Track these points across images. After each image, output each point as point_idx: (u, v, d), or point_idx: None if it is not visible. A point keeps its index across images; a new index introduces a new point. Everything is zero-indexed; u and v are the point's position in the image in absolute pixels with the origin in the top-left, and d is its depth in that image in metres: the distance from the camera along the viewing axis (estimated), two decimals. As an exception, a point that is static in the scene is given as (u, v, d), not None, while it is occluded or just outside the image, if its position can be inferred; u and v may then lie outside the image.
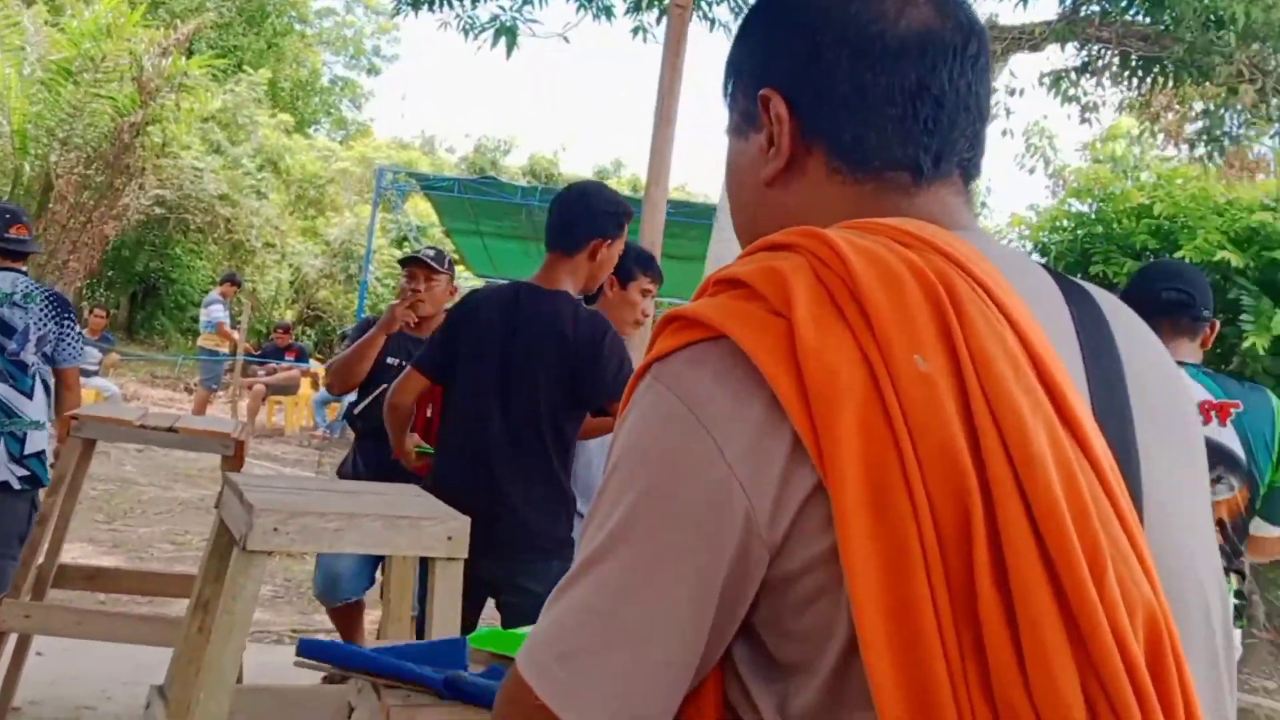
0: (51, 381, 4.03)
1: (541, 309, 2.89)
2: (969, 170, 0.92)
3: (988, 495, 0.67)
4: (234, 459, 3.57)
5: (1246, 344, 7.48)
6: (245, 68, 22.96)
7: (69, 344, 4.04)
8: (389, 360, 3.97)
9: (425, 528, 2.40)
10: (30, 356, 3.89)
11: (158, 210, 18.19)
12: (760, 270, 0.76)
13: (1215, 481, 2.58)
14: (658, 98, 5.57)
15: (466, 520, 2.45)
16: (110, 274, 20.44)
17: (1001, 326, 0.73)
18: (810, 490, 0.71)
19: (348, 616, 4.09)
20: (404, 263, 4.19)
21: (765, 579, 0.74)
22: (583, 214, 2.95)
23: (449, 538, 2.42)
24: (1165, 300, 2.68)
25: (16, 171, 14.88)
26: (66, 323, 4.02)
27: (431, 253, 4.14)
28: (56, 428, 3.97)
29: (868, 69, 0.87)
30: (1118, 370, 0.83)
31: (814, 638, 0.73)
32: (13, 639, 3.56)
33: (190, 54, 17.48)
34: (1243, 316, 7.64)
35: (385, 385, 3.60)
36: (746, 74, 0.96)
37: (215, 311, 12.81)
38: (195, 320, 17.52)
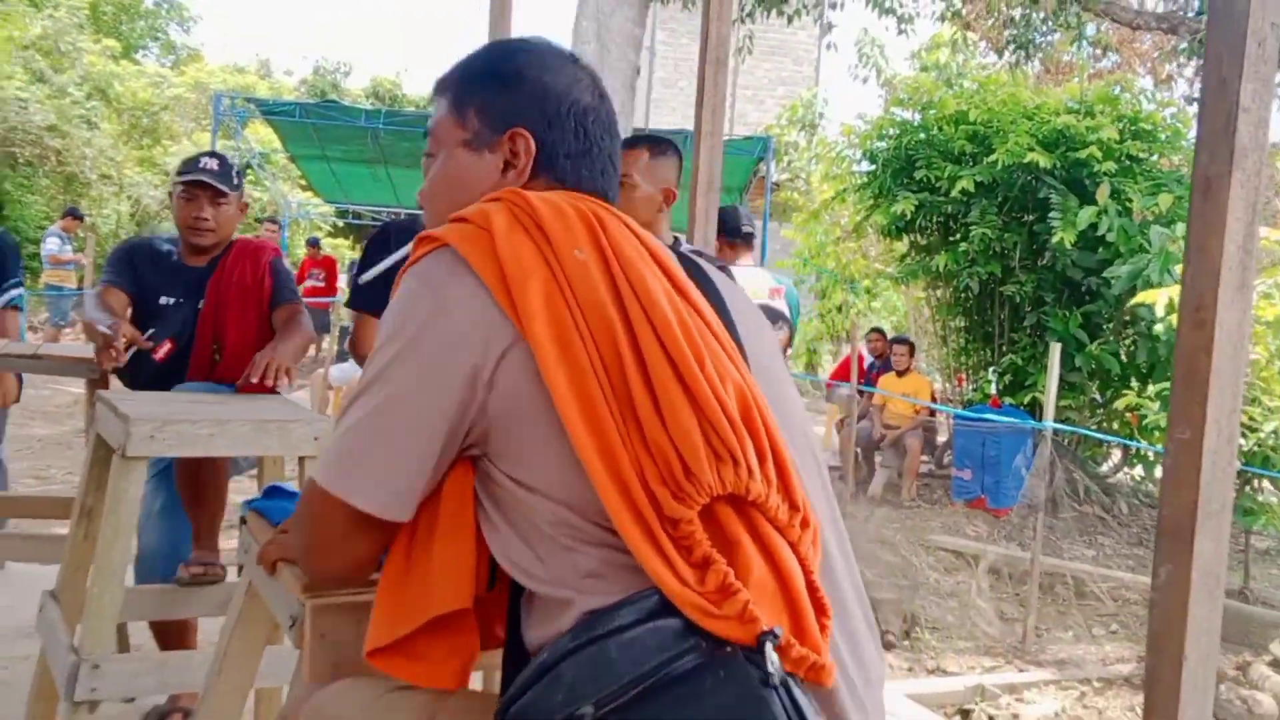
0: None
1: None
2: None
3: (629, 327, 1.12)
4: (99, 382, 3.72)
5: (1056, 239, 8.07)
6: (64, -10, 21.91)
7: None
8: (162, 300, 3.32)
9: (293, 429, 2.64)
10: None
11: (-19, 144, 17.44)
12: (476, 210, 1.21)
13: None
14: (489, 31, 5.73)
15: (330, 420, 2.70)
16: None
17: (634, 239, 1.22)
18: (511, 341, 1.12)
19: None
20: (184, 181, 3.31)
21: (487, 406, 1.14)
22: None
23: (315, 438, 2.67)
24: (745, 232, 4.55)
25: None
26: None
27: (216, 165, 3.32)
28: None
29: (587, 136, 1.37)
30: (719, 297, 1.30)
31: (536, 454, 1.13)
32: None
33: (3, -22, 16.66)
34: (1051, 214, 8.23)
35: (153, 330, 3.21)
36: (491, 110, 1.36)
37: (49, 246, 12.48)
38: (35, 258, 16.98)
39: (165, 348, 3.21)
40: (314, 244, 14.92)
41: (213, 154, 3.40)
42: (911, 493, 9.02)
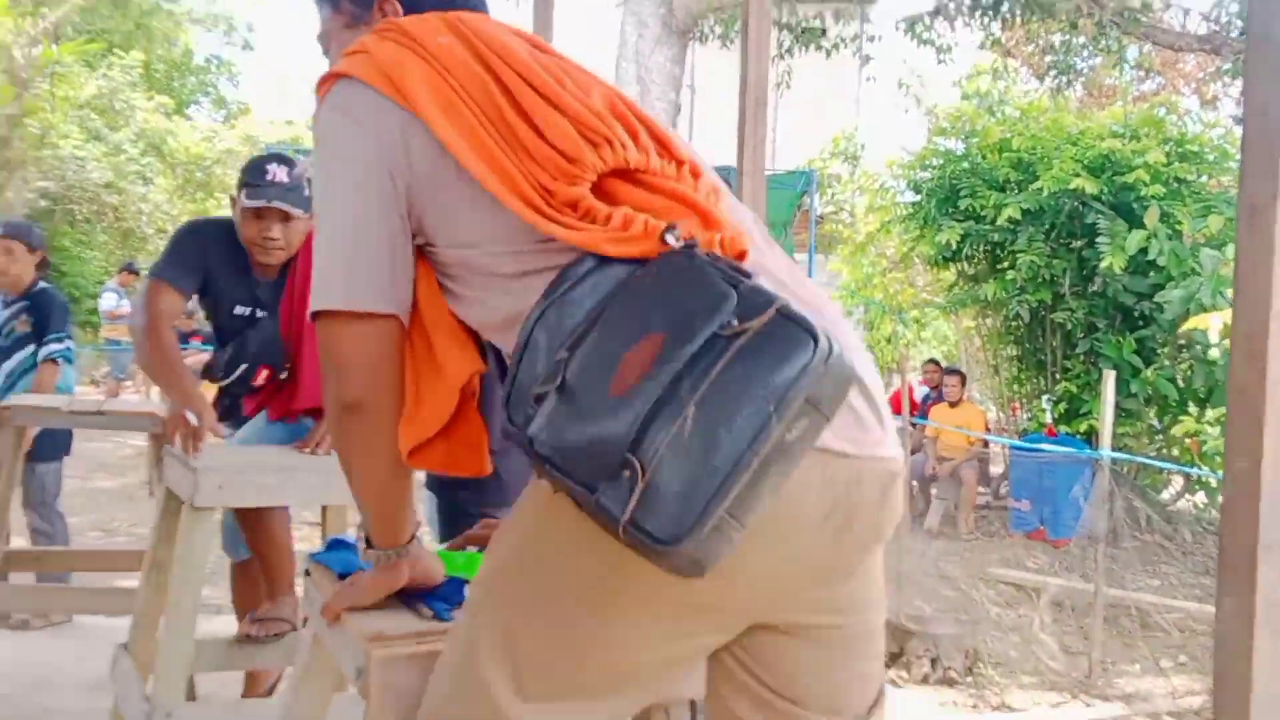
0: None
1: None
2: None
3: (496, 77, 1.30)
4: (163, 436, 3.81)
5: (1105, 265, 8.01)
6: (116, 51, 22.46)
7: None
8: (237, 310, 3.17)
9: (356, 478, 2.69)
10: None
11: (42, 203, 17.86)
12: (356, 44, 1.39)
13: None
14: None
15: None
16: None
17: (496, 23, 1.41)
18: (412, 126, 1.29)
19: (246, 574, 3.50)
20: (251, 206, 3.04)
21: (412, 188, 1.31)
22: None
23: (379, 486, 2.72)
24: None
25: (-107, 174, 14.56)
26: None
27: (285, 177, 3.05)
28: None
29: None
30: None
31: (460, 212, 1.31)
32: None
33: (58, 40, 17.13)
34: (1100, 239, 8.18)
35: (244, 368, 3.10)
36: None
37: (105, 301, 12.75)
38: (92, 313, 17.31)
39: (263, 374, 3.08)
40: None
41: (280, 159, 3.12)
42: (969, 525, 8.93)
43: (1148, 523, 8.38)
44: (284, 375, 3.14)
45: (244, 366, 3.08)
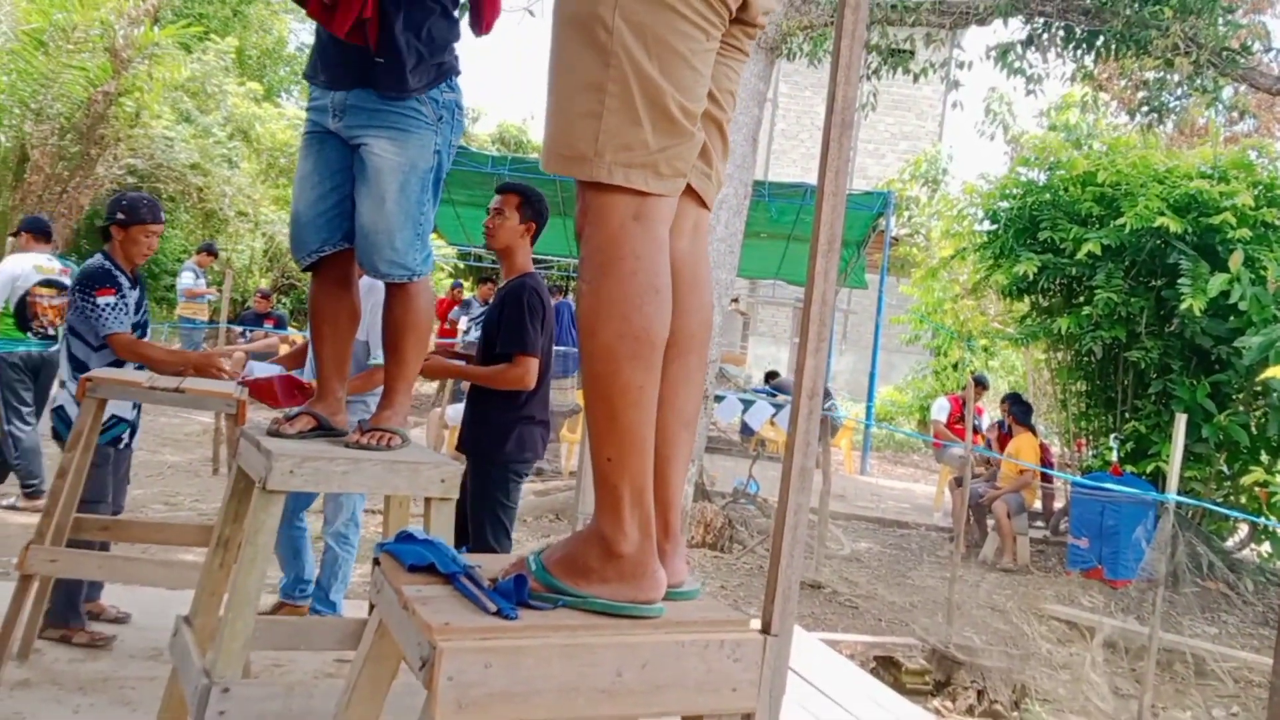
0: (77, 349, 4.36)
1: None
2: None
3: None
4: (236, 416, 3.90)
5: (1184, 306, 7.87)
6: (212, 36, 22.92)
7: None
8: None
9: (422, 470, 2.74)
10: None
11: (130, 180, 18.23)
12: None
13: None
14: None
15: (458, 466, 2.81)
16: (85, 244, 20.52)
17: None
18: None
19: None
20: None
21: None
22: None
23: (442, 480, 2.77)
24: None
25: (-9, 143, 14.99)
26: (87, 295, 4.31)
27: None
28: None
29: None
30: None
31: None
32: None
33: (158, 22, 17.54)
34: (1180, 280, 8.04)
35: None
36: None
37: (184, 279, 13.03)
38: (170, 289, 17.64)
39: None
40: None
41: None
42: (1013, 560, 8.70)
43: (1209, 569, 8.21)
44: None
45: None
